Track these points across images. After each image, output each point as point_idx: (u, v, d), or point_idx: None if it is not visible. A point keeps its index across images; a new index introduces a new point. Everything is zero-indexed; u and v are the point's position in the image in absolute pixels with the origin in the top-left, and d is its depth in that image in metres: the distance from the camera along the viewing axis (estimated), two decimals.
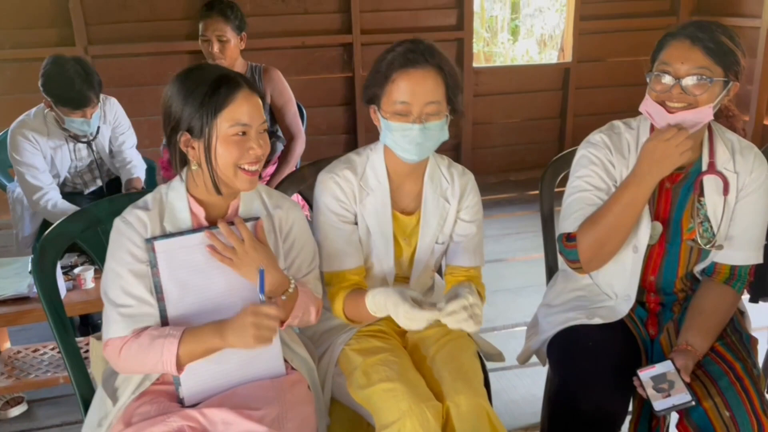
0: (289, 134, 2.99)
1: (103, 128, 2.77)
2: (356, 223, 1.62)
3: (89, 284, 2.30)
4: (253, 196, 1.48)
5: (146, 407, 1.36)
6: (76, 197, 2.76)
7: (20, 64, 4.05)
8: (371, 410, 1.45)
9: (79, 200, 2.74)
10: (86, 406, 1.53)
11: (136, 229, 1.37)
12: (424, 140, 1.50)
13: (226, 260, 1.38)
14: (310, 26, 4.45)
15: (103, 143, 2.80)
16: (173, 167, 1.43)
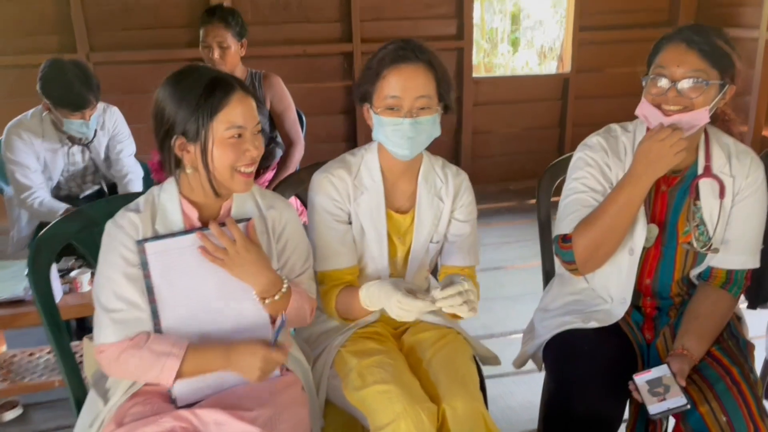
0: (288, 140, 3.00)
1: (100, 135, 2.77)
2: (350, 222, 1.62)
3: (85, 287, 2.29)
4: (245, 196, 1.48)
5: (138, 408, 1.35)
6: (72, 201, 2.76)
7: (22, 70, 4.06)
8: (365, 412, 1.44)
9: (75, 204, 2.73)
10: (79, 407, 1.52)
11: (127, 232, 1.37)
12: (415, 134, 1.51)
13: (217, 261, 1.38)
14: (311, 35, 4.47)
15: (98, 149, 2.80)
16: (166, 170, 1.43)
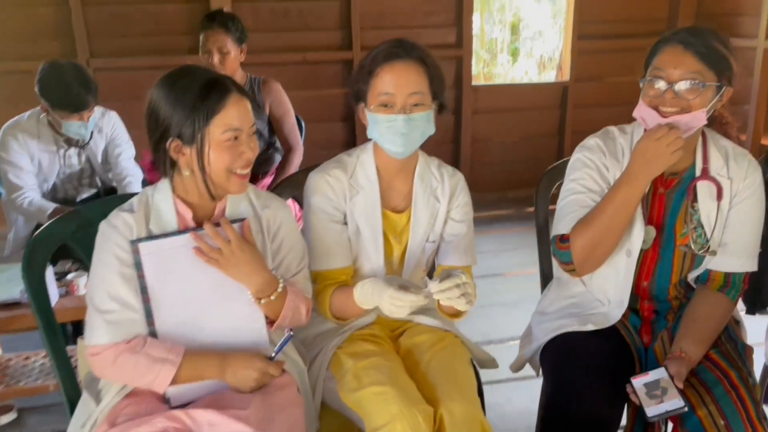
0: (287, 145, 3.00)
1: (97, 138, 2.78)
2: (346, 223, 1.62)
3: (82, 291, 2.28)
4: (240, 196, 1.47)
5: (132, 408, 1.34)
6: (68, 205, 2.75)
7: (22, 75, 4.06)
8: (361, 414, 1.43)
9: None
10: (73, 409, 1.51)
11: (121, 232, 1.37)
12: (409, 131, 1.52)
13: (212, 261, 1.37)
14: (311, 42, 4.49)
15: (95, 152, 2.81)
16: (160, 171, 1.42)
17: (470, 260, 1.68)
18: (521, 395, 2.53)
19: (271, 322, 1.45)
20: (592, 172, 1.59)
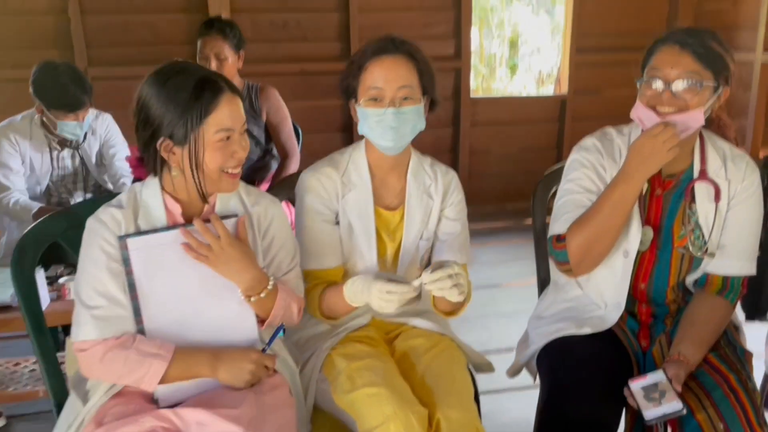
0: (283, 152, 2.99)
1: (91, 140, 2.78)
2: (338, 222, 1.61)
3: (73, 295, 2.26)
4: (231, 193, 1.44)
5: (119, 408, 1.31)
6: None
7: (20, 84, 4.04)
8: (354, 416, 1.40)
9: None
10: (60, 409, 1.48)
11: (109, 227, 1.34)
12: (399, 125, 1.51)
13: (201, 258, 1.35)
14: (309, 53, 4.49)
15: (89, 154, 2.80)
16: (149, 170, 1.40)
17: (465, 258, 1.67)
18: (518, 405, 2.49)
19: (261, 320, 1.43)
20: (589, 172, 1.58)
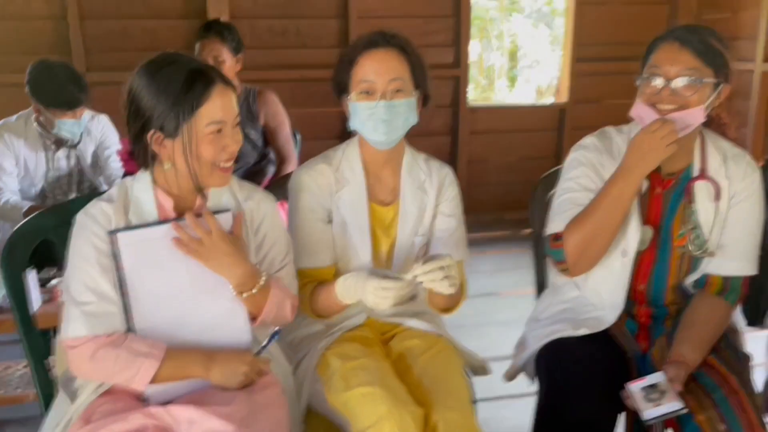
0: (281, 156, 2.98)
1: (86, 140, 2.77)
2: (330, 221, 1.59)
3: (62, 290, 2.23)
4: (223, 187, 1.42)
5: (108, 406, 1.29)
6: None
7: (19, 88, 4.04)
8: (348, 415, 1.38)
9: None
10: (48, 408, 1.46)
11: (98, 221, 1.32)
12: (390, 117, 1.50)
13: (192, 252, 1.33)
14: (308, 60, 4.49)
15: (85, 155, 2.79)
16: (139, 163, 1.38)
17: (462, 255, 1.65)
18: (515, 413, 2.45)
19: (254, 318, 1.41)
20: (587, 170, 1.56)
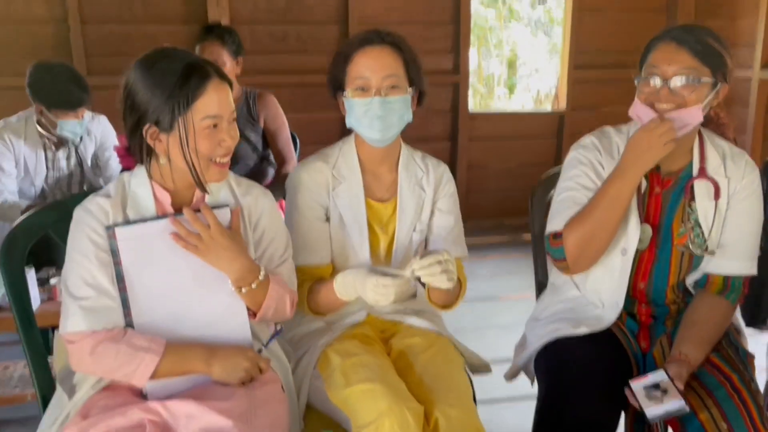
0: (280, 158, 2.98)
1: (87, 141, 2.77)
2: (328, 219, 1.60)
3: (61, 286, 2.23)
4: (220, 183, 1.42)
5: (106, 401, 1.28)
6: None
7: (20, 91, 4.04)
8: (348, 412, 1.37)
9: None
10: (46, 405, 1.45)
11: (96, 216, 1.32)
12: (385, 114, 1.51)
13: (190, 247, 1.32)
14: (309, 65, 4.49)
15: (85, 155, 2.79)
16: (136, 158, 1.38)
17: (461, 251, 1.66)
18: (516, 415, 2.45)
19: (254, 314, 1.40)
20: (587, 169, 1.56)
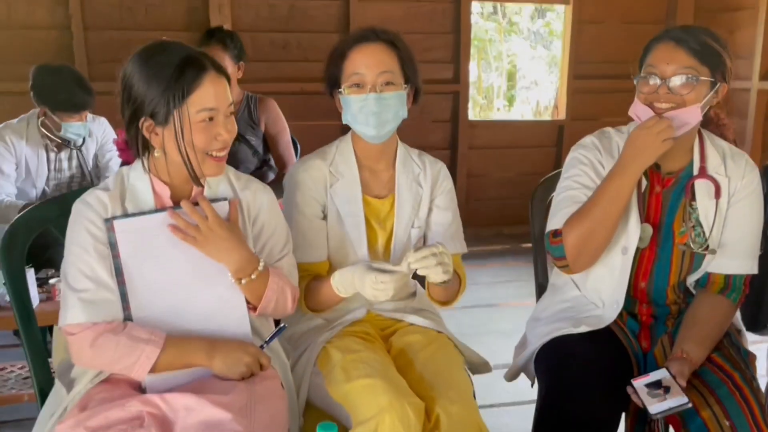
0: (281, 162, 2.99)
1: (88, 142, 2.78)
2: (325, 217, 1.60)
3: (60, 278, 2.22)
4: (220, 177, 1.42)
5: (105, 394, 1.28)
6: None
7: (22, 97, 4.06)
8: (348, 407, 1.37)
9: None
10: (44, 400, 1.44)
11: (95, 209, 1.32)
12: (380, 110, 1.52)
13: (189, 239, 1.32)
14: (309, 73, 4.51)
15: (87, 157, 2.79)
16: (133, 151, 1.38)
17: (459, 247, 1.67)
18: (516, 420, 2.44)
19: (254, 308, 1.40)
20: (587, 168, 1.57)
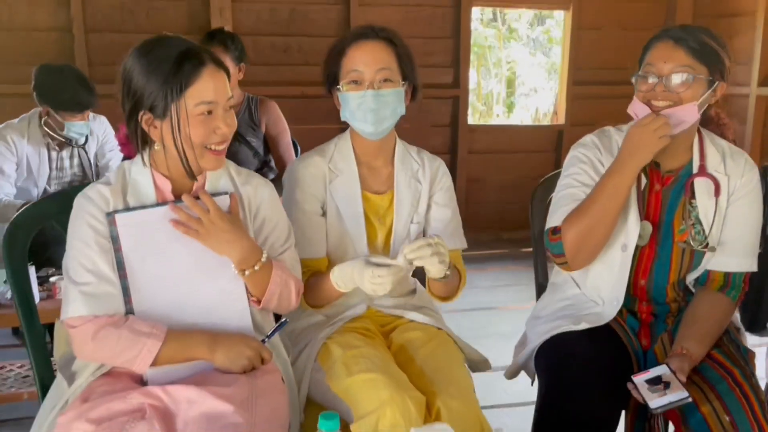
0: (281, 164, 3.00)
1: (90, 140, 2.79)
2: (324, 214, 1.61)
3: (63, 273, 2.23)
4: (220, 171, 1.42)
5: (106, 387, 1.28)
6: None
7: (23, 98, 4.07)
8: (349, 402, 1.37)
9: None
10: (45, 394, 1.44)
11: (96, 203, 1.32)
12: (378, 107, 1.53)
13: (191, 232, 1.33)
14: (310, 77, 4.52)
15: (88, 155, 2.80)
16: (133, 145, 1.38)
17: (458, 243, 1.68)
18: (516, 420, 2.43)
19: (258, 301, 1.40)
20: (586, 167, 1.58)
